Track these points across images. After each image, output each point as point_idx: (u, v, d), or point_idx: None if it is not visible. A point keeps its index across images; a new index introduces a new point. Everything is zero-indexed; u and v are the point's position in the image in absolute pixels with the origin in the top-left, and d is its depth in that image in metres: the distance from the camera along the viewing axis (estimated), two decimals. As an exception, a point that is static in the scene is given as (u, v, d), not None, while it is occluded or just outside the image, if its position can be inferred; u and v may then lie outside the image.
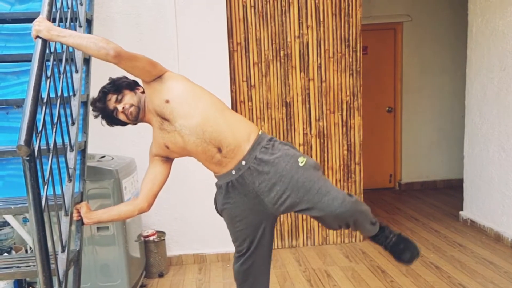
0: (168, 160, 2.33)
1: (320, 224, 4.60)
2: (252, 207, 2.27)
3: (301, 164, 2.19)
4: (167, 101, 2.14)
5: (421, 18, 6.48)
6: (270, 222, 2.38)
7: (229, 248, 4.35)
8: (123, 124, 2.31)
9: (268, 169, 2.17)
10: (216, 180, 2.38)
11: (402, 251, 2.46)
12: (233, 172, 2.22)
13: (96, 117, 2.34)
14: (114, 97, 2.21)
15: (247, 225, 2.33)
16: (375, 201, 6.07)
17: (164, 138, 2.21)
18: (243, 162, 2.20)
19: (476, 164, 4.86)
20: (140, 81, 2.28)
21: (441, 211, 5.59)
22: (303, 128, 4.49)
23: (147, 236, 3.98)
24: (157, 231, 4.12)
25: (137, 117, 2.23)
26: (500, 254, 4.13)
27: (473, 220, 4.91)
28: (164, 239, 4.11)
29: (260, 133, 2.28)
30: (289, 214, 4.55)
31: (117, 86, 2.23)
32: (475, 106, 4.84)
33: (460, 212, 5.15)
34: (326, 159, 4.57)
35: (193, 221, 4.30)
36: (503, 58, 4.33)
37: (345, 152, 4.59)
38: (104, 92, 2.24)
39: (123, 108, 2.19)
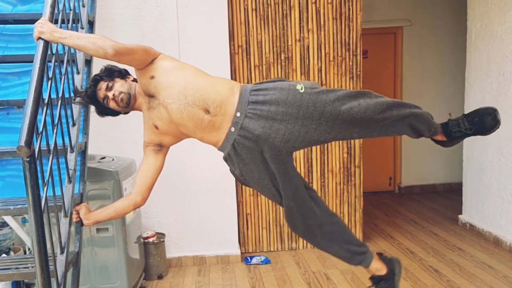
0: (160, 149, 2.23)
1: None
2: (268, 157, 2.06)
3: (301, 91, 2.03)
4: (152, 77, 2.09)
5: (421, 23, 6.48)
6: (290, 163, 2.14)
7: (229, 250, 4.36)
8: (114, 113, 2.25)
9: (268, 108, 2.01)
10: (222, 155, 2.20)
11: (482, 121, 2.35)
12: (232, 129, 2.05)
13: (82, 103, 2.34)
14: (104, 85, 2.17)
15: (271, 178, 2.12)
16: (375, 204, 6.06)
17: (151, 117, 2.14)
18: (238, 114, 2.04)
19: (475, 168, 4.84)
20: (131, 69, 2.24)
21: (441, 215, 5.56)
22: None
23: (147, 238, 3.96)
24: (157, 233, 4.09)
25: (128, 103, 2.17)
26: (499, 258, 4.11)
27: (472, 224, 4.89)
28: (163, 241, 4.09)
29: (242, 84, 2.15)
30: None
31: (108, 74, 2.21)
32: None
33: (459, 216, 5.13)
34: (326, 161, 4.55)
35: (193, 223, 4.28)
36: (501, 63, 4.32)
37: (345, 155, 4.57)
38: (96, 80, 2.21)
39: (113, 95, 2.15)
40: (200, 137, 2.14)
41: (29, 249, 2.85)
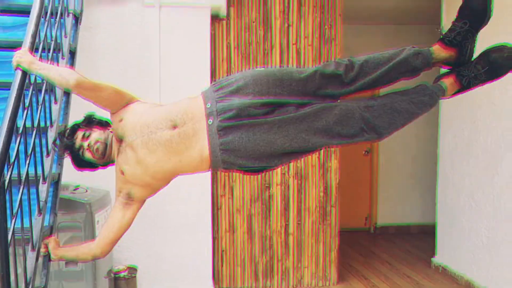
0: (129, 204, 2.02)
1: (294, 265, 4.55)
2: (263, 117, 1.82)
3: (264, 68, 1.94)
4: (121, 120, 1.96)
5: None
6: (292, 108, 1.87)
7: (203, 286, 4.23)
8: (92, 165, 2.10)
9: (236, 85, 1.84)
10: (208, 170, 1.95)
11: (499, 66, 2.01)
12: (210, 121, 1.81)
13: (60, 155, 2.19)
14: (81, 134, 2.04)
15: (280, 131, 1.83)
16: (350, 244, 6.01)
17: (118, 163, 1.98)
18: (208, 105, 1.83)
19: (448, 212, 4.88)
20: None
21: (415, 256, 5.55)
22: (282, 168, 4.44)
23: (118, 272, 3.81)
24: (129, 267, 3.94)
25: (104, 154, 2.02)
26: (471, 303, 4.09)
27: (444, 267, 4.88)
28: (135, 276, 3.93)
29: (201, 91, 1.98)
30: (263, 254, 4.45)
31: (87, 123, 2.09)
32: (447, 155, 4.91)
33: (432, 259, 5.12)
34: (302, 200, 4.51)
35: (167, 258, 4.16)
36: (473, 110, 4.41)
37: (321, 194, 4.54)
38: (73, 128, 2.09)
39: (88, 144, 2.01)
40: (179, 162, 1.86)
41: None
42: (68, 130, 2.10)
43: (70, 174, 3.09)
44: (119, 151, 1.97)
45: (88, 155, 2.03)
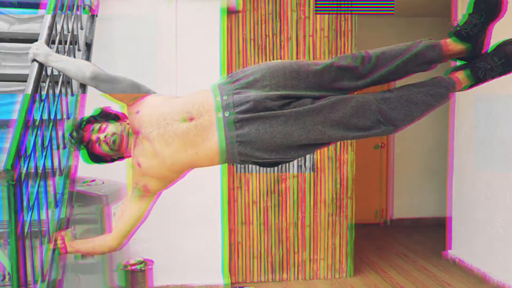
0: (146, 195, 2.01)
1: (309, 258, 4.52)
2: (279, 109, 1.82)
3: (281, 60, 1.94)
4: (137, 112, 1.95)
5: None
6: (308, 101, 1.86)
7: (217, 279, 4.23)
8: (104, 159, 2.08)
9: (252, 78, 1.83)
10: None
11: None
12: (226, 113, 1.80)
13: (76, 147, 2.13)
14: (98, 126, 2.02)
15: (297, 124, 1.81)
16: (365, 237, 5.95)
17: (135, 155, 1.96)
18: (225, 97, 1.82)
19: (463, 204, 4.81)
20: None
21: (430, 249, 5.48)
22: (297, 160, 4.40)
23: (133, 265, 3.81)
24: (144, 260, 3.94)
25: (120, 146, 2.00)
26: (486, 296, 4.04)
27: (460, 259, 4.82)
28: (151, 268, 3.93)
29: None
30: (278, 247, 4.43)
31: (104, 115, 2.07)
32: (462, 147, 4.83)
33: (448, 251, 5.06)
34: (318, 192, 4.47)
35: (182, 251, 4.15)
36: (490, 102, 4.33)
37: (338, 185, 4.50)
38: (89, 121, 2.06)
39: (105, 136, 1.98)
40: (195, 154, 1.85)
41: (9, 273, 2.71)
42: (84, 122, 2.08)
43: (86, 167, 3.10)
44: (136, 143, 1.96)
45: (104, 147, 2.00)
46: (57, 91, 2.35)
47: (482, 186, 4.47)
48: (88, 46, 3.10)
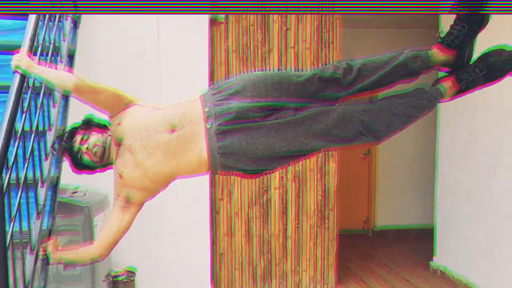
0: (128, 207, 1.99)
1: (293, 269, 4.53)
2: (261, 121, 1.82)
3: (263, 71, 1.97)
4: (119, 123, 1.94)
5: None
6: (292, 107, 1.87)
7: (201, 291, 4.23)
8: (90, 168, 2.07)
9: (235, 88, 1.83)
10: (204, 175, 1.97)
11: (497, 70, 1.97)
12: (208, 124, 1.80)
13: (59, 158, 2.18)
14: (80, 137, 2.02)
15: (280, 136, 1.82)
16: (349, 246, 5.97)
17: (117, 167, 1.96)
18: (207, 108, 1.82)
19: (446, 214, 4.86)
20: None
21: (413, 259, 5.53)
22: (280, 171, 4.43)
23: (116, 276, 3.79)
24: (127, 270, 3.93)
25: (103, 157, 2.00)
26: (470, 306, 4.08)
27: (443, 270, 4.86)
28: (133, 279, 3.92)
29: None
30: (262, 257, 4.44)
31: (86, 125, 2.06)
32: (445, 158, 4.89)
33: (431, 262, 5.10)
34: (301, 203, 4.50)
35: (165, 261, 4.14)
36: (471, 113, 4.41)
37: (320, 197, 4.53)
38: (72, 132, 2.07)
39: (87, 148, 1.98)
40: (177, 165, 1.85)
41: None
42: (66, 133, 2.09)
43: (69, 176, 3.09)
44: (118, 154, 1.96)
45: (86, 158, 2.01)
46: (39, 102, 2.35)
47: (465, 197, 4.52)
48: (71, 56, 3.10)
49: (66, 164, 2.53)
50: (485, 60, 1.99)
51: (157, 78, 4.08)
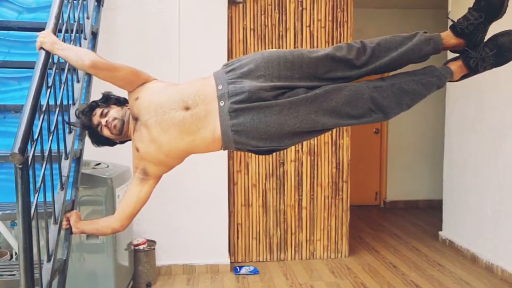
0: (146, 179, 1.97)
1: (307, 239, 4.49)
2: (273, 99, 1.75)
3: (277, 50, 1.86)
4: (136, 98, 1.90)
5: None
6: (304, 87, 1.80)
7: (218, 259, 4.20)
8: (109, 143, 2.05)
9: (248, 68, 1.77)
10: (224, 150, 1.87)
11: (488, 2, 1.85)
12: (222, 103, 1.75)
13: (81, 132, 2.16)
14: (99, 111, 1.98)
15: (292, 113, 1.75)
16: (361, 218, 5.96)
17: (134, 140, 1.92)
18: (220, 87, 1.77)
19: (454, 188, 4.78)
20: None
21: (422, 230, 5.46)
22: (295, 146, 4.35)
23: (137, 245, 3.77)
24: (148, 240, 3.90)
25: (121, 131, 1.96)
26: (476, 275, 4.01)
27: (451, 241, 4.79)
28: (154, 249, 3.90)
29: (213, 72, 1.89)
30: (277, 228, 4.40)
31: (105, 101, 2.03)
32: (453, 133, 4.79)
33: (440, 232, 5.03)
34: (315, 176, 4.43)
35: (184, 232, 4.11)
36: (479, 90, 4.29)
37: (334, 170, 4.46)
38: (92, 106, 2.04)
39: (106, 121, 1.95)
40: (192, 141, 1.82)
41: (16, 253, 2.67)
42: (86, 108, 2.05)
43: (91, 151, 3.05)
44: (135, 129, 1.91)
45: (106, 132, 1.97)
46: (63, 77, 2.31)
47: (472, 171, 4.44)
48: (94, 35, 3.04)
49: (88, 140, 2.48)
50: (495, 40, 1.90)
51: (177, 56, 4.00)
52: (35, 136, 1.89)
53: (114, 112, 1.97)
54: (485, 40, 1.92)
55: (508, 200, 3.91)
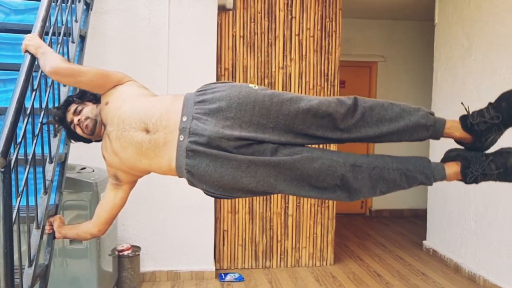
0: (119, 185, 1.90)
1: (293, 246, 4.47)
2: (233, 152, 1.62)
3: (255, 88, 1.64)
4: (107, 103, 1.82)
5: (393, 59, 6.56)
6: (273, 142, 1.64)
7: (204, 266, 4.16)
8: (85, 140, 1.97)
9: (217, 105, 1.61)
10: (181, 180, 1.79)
11: (510, 104, 1.62)
12: (181, 137, 1.62)
13: (56, 129, 2.12)
14: (73, 108, 1.91)
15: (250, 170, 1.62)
16: (347, 226, 5.95)
17: (102, 146, 1.85)
18: (184, 118, 1.63)
19: (438, 197, 4.80)
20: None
21: (407, 239, 5.47)
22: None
23: (122, 251, 3.71)
24: (132, 246, 3.84)
25: (93, 131, 1.87)
26: (458, 284, 4.01)
27: (435, 250, 4.81)
28: (138, 254, 3.83)
29: (186, 93, 1.75)
30: (263, 235, 4.38)
31: (81, 97, 1.95)
32: (438, 145, 4.78)
33: (424, 242, 5.05)
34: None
35: (169, 237, 4.06)
36: (463, 96, 4.30)
37: (320, 179, 4.45)
38: (68, 102, 1.97)
39: (78, 120, 1.87)
40: (149, 165, 1.73)
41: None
42: (62, 103, 2.00)
43: (78, 155, 3.01)
44: (103, 135, 1.85)
45: (78, 130, 1.90)
46: (49, 81, 2.28)
47: (455, 182, 4.44)
48: (82, 38, 3.01)
49: (74, 144, 2.45)
50: (506, 159, 1.65)
51: (167, 62, 3.97)
52: (19, 139, 1.85)
53: (88, 110, 1.89)
54: (493, 150, 1.69)
55: (490, 210, 3.93)
